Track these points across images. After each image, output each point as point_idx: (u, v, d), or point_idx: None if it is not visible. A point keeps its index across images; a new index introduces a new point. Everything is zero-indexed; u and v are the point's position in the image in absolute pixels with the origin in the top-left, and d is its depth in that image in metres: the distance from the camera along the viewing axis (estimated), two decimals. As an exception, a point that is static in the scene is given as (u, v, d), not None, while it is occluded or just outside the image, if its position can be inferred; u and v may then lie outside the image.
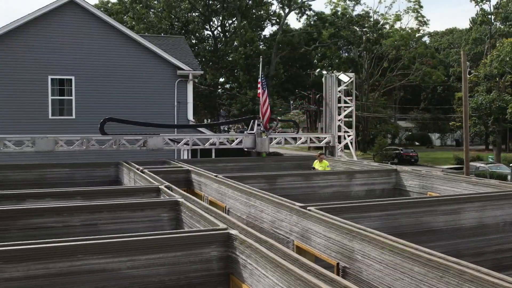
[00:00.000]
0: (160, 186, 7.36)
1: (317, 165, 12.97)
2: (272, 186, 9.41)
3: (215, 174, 9.07)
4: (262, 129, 13.16)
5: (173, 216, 6.22)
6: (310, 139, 13.87)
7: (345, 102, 14.53)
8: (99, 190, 7.30)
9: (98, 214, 6.04)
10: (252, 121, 13.66)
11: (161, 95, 21.79)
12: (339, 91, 14.26)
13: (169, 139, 12.83)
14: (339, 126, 14.44)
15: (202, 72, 24.11)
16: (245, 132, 13.96)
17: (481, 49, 74.90)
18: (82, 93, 20.64)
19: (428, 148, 71.24)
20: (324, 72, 54.34)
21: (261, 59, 14.41)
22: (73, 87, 20.57)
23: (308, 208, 5.84)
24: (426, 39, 78.54)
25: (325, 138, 14.05)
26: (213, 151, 21.40)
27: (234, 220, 5.04)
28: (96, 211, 6.05)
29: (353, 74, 14.41)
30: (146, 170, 9.46)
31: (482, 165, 31.87)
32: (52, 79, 20.34)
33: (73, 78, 20.56)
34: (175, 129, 17.76)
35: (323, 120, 14.66)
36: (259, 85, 13.61)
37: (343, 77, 14.03)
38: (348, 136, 14.28)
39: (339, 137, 14.40)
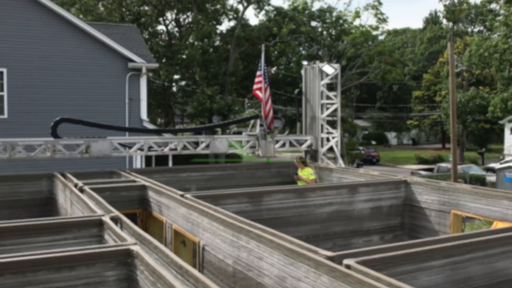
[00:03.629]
0: (103, 218, 4.96)
1: (300, 172, 10.90)
2: (257, 207, 7.15)
3: (181, 193, 6.71)
4: (266, 130, 10.93)
5: (124, 275, 3.86)
6: (290, 142, 11.69)
7: (328, 98, 12.43)
8: (7, 228, 4.79)
9: (-5, 277, 3.61)
10: (253, 121, 11.55)
11: (109, 91, 19.04)
12: (322, 85, 12.14)
13: (119, 143, 10.32)
14: (322, 126, 12.33)
15: (157, 65, 21.50)
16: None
17: (436, 48, 75.34)
18: (15, 88, 17.66)
19: (386, 147, 70.97)
20: (305, 62, 52.47)
21: (263, 47, 12.14)
22: (5, 81, 17.57)
23: (344, 262, 3.61)
24: (382, 37, 78.29)
25: (306, 140, 11.92)
26: (170, 157, 18.83)
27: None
28: (-8, 273, 3.61)
29: (338, 65, 12.33)
30: (86, 188, 6.99)
31: (450, 165, 30.63)
32: (-21, 72, 17.33)
33: (4, 70, 17.55)
34: (139, 132, 15.09)
35: (303, 119, 12.51)
36: (258, 79, 11.32)
37: (327, 69, 11.94)
38: (333, 138, 12.18)
39: (322, 139, 12.31)
